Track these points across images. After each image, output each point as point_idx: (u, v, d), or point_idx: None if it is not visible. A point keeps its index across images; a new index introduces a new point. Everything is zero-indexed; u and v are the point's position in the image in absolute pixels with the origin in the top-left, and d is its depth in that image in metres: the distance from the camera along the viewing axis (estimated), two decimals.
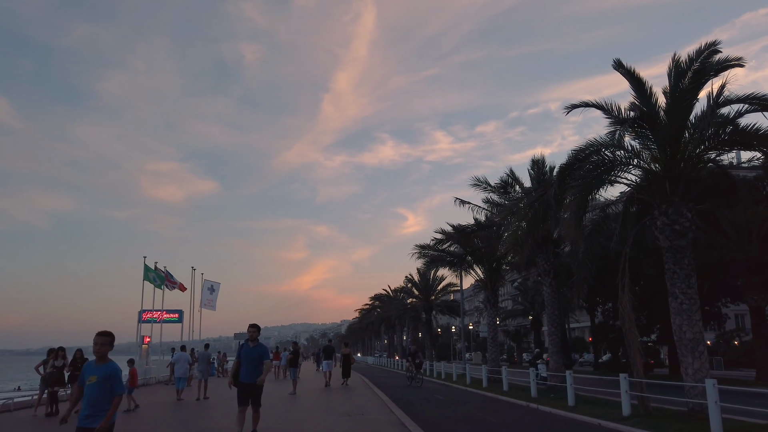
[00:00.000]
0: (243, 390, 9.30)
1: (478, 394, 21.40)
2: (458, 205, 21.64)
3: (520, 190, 21.31)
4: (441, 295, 48.84)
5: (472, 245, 27.45)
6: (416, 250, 28.79)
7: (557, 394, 18.44)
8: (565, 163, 12.73)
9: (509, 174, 20.86)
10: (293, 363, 21.02)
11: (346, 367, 26.71)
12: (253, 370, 9.21)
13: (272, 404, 16.74)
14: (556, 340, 20.43)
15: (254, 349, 9.32)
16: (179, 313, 37.73)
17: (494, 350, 27.91)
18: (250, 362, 9.23)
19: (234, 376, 9.49)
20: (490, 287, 28.10)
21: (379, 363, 73.53)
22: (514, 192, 20.92)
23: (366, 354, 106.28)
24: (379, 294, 73.48)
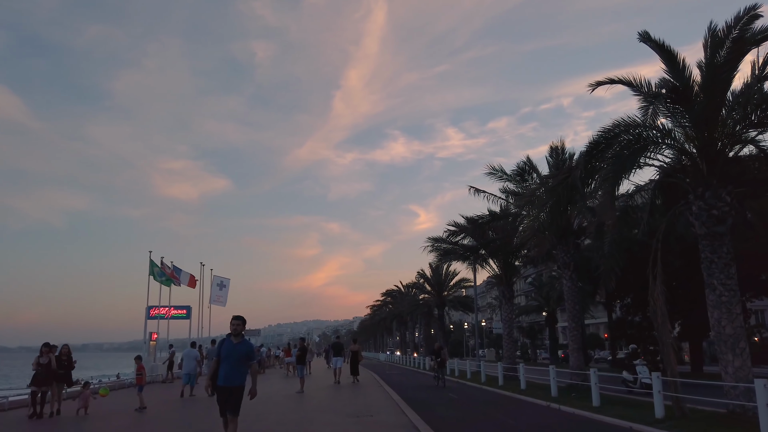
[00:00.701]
0: (222, 396, 7.67)
1: (495, 392, 20.41)
2: (473, 194, 20.62)
3: (537, 178, 20.23)
4: (454, 290, 47.79)
5: (487, 237, 26.42)
6: (428, 243, 27.83)
7: (579, 393, 17.39)
8: (592, 142, 11.64)
9: (526, 162, 19.77)
10: (301, 360, 20.15)
11: (354, 364, 26.25)
12: (235, 372, 7.59)
13: (277, 403, 15.91)
14: (576, 337, 19.36)
15: (238, 346, 7.69)
16: (187, 309, 37.08)
17: (510, 347, 26.86)
18: (231, 362, 7.60)
19: (212, 378, 7.74)
20: (506, 281, 27.04)
21: (391, 359, 72.79)
22: (532, 180, 19.82)
23: (378, 351, 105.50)
24: (390, 290, 72.55)
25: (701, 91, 11.78)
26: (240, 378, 7.67)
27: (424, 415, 12.78)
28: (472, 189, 20.51)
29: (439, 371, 24.46)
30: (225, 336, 8.01)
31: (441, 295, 46.92)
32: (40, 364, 13.32)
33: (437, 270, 46.32)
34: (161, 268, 31.78)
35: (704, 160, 11.56)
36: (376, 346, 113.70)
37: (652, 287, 12.07)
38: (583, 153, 11.87)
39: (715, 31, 11.60)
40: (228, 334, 7.88)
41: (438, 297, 46.91)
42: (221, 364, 7.65)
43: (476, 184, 22.37)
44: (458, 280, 46.82)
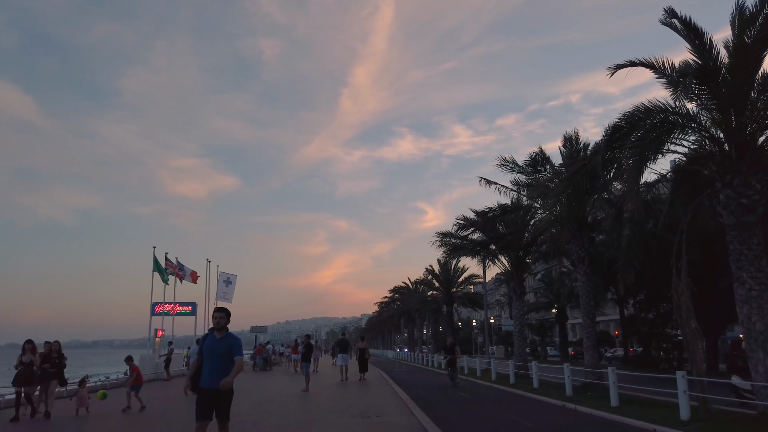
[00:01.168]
0: (204, 399, 6.66)
1: (506, 391, 19.75)
2: (484, 185, 19.86)
3: (550, 170, 19.50)
4: (462, 287, 47.10)
5: (497, 232, 25.74)
6: (437, 238, 27.12)
7: (594, 392, 16.71)
8: (613, 126, 10.93)
9: (539, 152, 19.02)
10: (306, 358, 19.57)
11: (362, 362, 25.77)
12: (219, 371, 6.55)
13: (281, 402, 15.35)
14: (591, 334, 18.63)
15: (221, 342, 6.68)
16: (193, 305, 36.61)
17: (521, 344, 26.16)
18: (214, 359, 6.62)
19: (193, 378, 6.80)
20: (516, 277, 26.32)
21: (400, 357, 72.23)
22: (545, 171, 19.08)
23: (386, 348, 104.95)
24: (398, 286, 71.91)
25: (729, 73, 11.05)
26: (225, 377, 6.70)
27: (434, 415, 12.15)
28: (483, 180, 19.78)
29: (451, 370, 22.30)
30: (208, 330, 7.02)
31: (450, 291, 46.22)
32: (23, 363, 12.51)
33: (446, 266, 45.65)
34: (165, 264, 31.32)
35: (733, 145, 10.84)
36: (384, 344, 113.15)
37: (676, 281, 11.37)
38: (604, 137, 11.15)
39: (743, 8, 10.86)
40: (210, 328, 6.89)
41: (447, 293, 46.22)
42: (204, 362, 6.71)
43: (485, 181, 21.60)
44: (467, 276, 46.17)
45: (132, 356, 15.26)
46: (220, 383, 6.48)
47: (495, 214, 20.74)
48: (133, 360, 14.91)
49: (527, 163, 19.30)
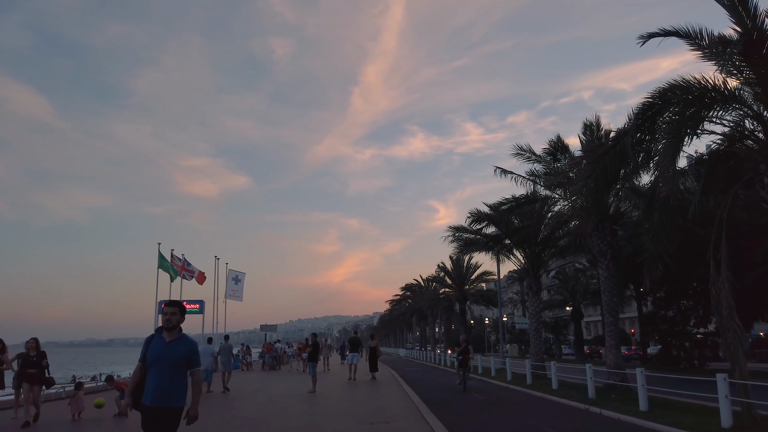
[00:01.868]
0: (150, 421, 4.92)
1: (524, 393, 18.73)
2: (499, 175, 18.79)
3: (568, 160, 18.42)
4: (475, 284, 46.03)
5: (512, 226, 24.71)
6: (449, 233, 26.10)
7: (619, 395, 15.64)
8: (644, 104, 9.88)
9: (557, 140, 17.92)
10: (313, 357, 18.68)
11: (372, 361, 25.04)
12: (168, 386, 4.94)
13: (285, 405, 14.49)
14: (614, 332, 17.56)
15: (173, 347, 5.02)
16: (200, 303, 36.02)
17: (537, 343, 25.12)
18: (162, 369, 4.96)
19: (134, 392, 5.08)
20: (533, 273, 25.27)
21: (411, 355, 71.34)
22: (564, 160, 18.01)
23: (398, 346, 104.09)
24: (410, 284, 70.95)
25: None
26: (177, 394, 5.00)
27: (447, 420, 11.21)
28: (498, 170, 18.71)
29: (462, 371, 19.53)
30: (155, 331, 5.29)
31: (462, 288, 45.18)
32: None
33: (458, 263, 44.61)
34: (171, 261, 30.65)
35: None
36: (396, 342, 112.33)
37: (715, 275, 10.32)
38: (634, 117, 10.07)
39: None
40: (158, 327, 5.23)
41: (459, 291, 45.18)
42: (148, 373, 5.00)
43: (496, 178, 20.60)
44: (480, 273, 45.09)
45: (112, 376, 14.24)
46: (186, 415, 5.07)
47: (511, 206, 19.57)
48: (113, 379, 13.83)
49: (546, 151, 18.18)
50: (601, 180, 10.72)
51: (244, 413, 13.17)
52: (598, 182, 10.67)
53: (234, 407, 14.47)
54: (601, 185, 10.80)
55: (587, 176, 10.66)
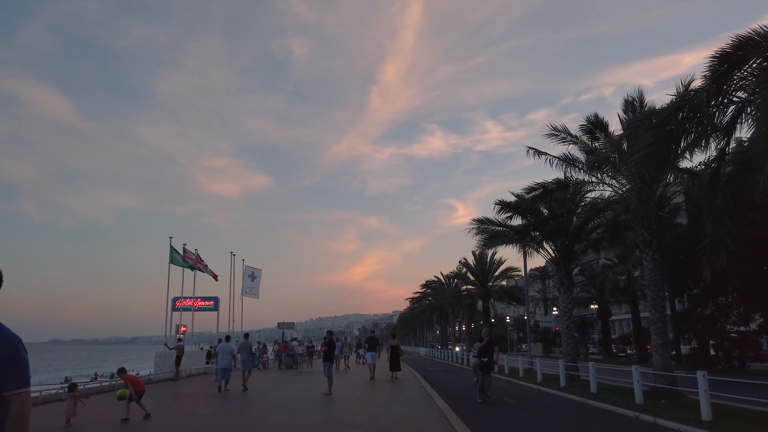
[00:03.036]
0: None
1: (559, 397, 17.10)
2: (532, 156, 16.96)
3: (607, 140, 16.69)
4: (500, 280, 44.21)
5: (541, 216, 23.04)
6: (473, 225, 24.41)
7: (670, 400, 13.94)
8: (721, 54, 8.19)
9: (595, 118, 16.13)
10: (328, 357, 17.24)
11: (395, 360, 23.93)
12: None
13: (297, 409, 13.11)
14: (661, 330, 15.79)
15: None
16: (215, 300, 34.97)
17: (569, 342, 23.37)
18: None
19: None
20: (564, 268, 23.53)
21: (432, 354, 69.80)
22: (604, 140, 16.24)
23: (418, 345, 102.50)
24: (430, 281, 69.13)
25: None
26: None
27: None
28: (532, 151, 16.86)
29: (482, 377, 15.04)
30: None
31: (486, 285, 43.39)
32: None
33: (481, 258, 42.88)
34: (184, 255, 29.55)
35: None
36: (416, 340, 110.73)
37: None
38: (709, 70, 8.38)
39: None
40: None
41: (482, 287, 43.40)
42: None
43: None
44: (504, 269, 43.22)
45: (125, 368, 13.00)
46: None
47: (543, 192, 17.65)
48: (125, 371, 12.65)
49: (584, 128, 16.37)
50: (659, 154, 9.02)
51: (249, 420, 11.83)
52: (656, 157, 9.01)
53: (241, 411, 13.15)
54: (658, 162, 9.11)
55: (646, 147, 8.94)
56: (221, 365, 18.37)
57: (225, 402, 15.36)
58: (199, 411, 13.67)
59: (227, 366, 18.30)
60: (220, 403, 15.01)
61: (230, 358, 18.74)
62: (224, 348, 18.95)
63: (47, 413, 13.50)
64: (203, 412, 13.53)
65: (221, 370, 18.30)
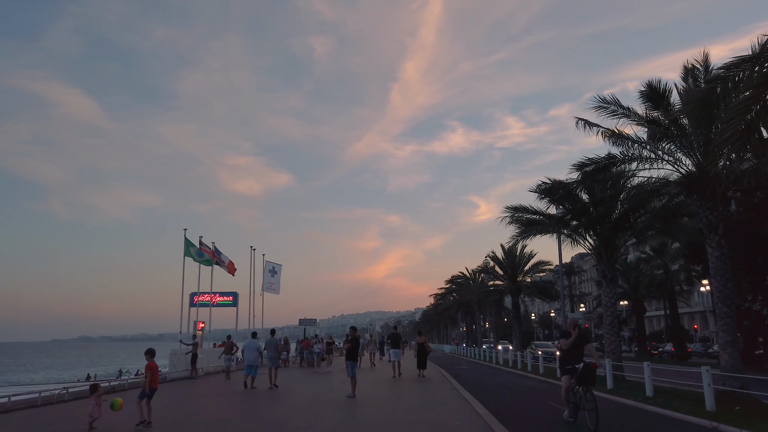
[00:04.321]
0: None
1: (608, 400, 15.27)
2: (581, 128, 14.98)
3: (661, 112, 14.77)
4: (530, 274, 42.16)
5: (580, 203, 21.19)
6: (507, 213, 22.57)
7: (745, 406, 12.07)
8: None
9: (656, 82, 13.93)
10: (351, 355, 15.63)
11: (422, 358, 22.84)
12: None
13: (316, 414, 11.58)
14: (729, 326, 13.89)
15: None
16: (233, 295, 33.75)
17: (614, 339, 21.47)
18: None
19: None
20: (606, 258, 21.63)
21: (457, 351, 68.01)
22: (664, 109, 14.21)
23: (442, 342, 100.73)
24: (456, 276, 67.13)
25: None
26: None
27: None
28: (581, 122, 14.90)
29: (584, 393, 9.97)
30: None
31: (515, 280, 41.38)
32: None
33: (511, 252, 40.89)
34: (200, 248, 28.34)
35: None
36: (440, 338, 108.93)
37: None
38: None
39: None
40: None
41: (512, 282, 41.40)
42: None
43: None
44: (534, 263, 41.17)
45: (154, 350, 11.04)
46: None
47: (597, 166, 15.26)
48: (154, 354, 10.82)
49: (644, 94, 14.26)
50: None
51: (263, 427, 10.34)
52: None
53: (254, 416, 11.69)
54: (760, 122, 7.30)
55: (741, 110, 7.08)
56: (248, 362, 18.24)
57: (238, 405, 13.95)
58: (209, 414, 12.26)
59: (254, 363, 18.16)
60: (234, 406, 13.60)
61: (257, 354, 18.58)
62: (251, 344, 18.82)
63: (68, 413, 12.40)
64: (214, 415, 12.11)
65: (248, 367, 18.17)
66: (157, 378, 10.95)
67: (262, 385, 17.93)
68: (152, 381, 10.54)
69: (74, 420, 11.08)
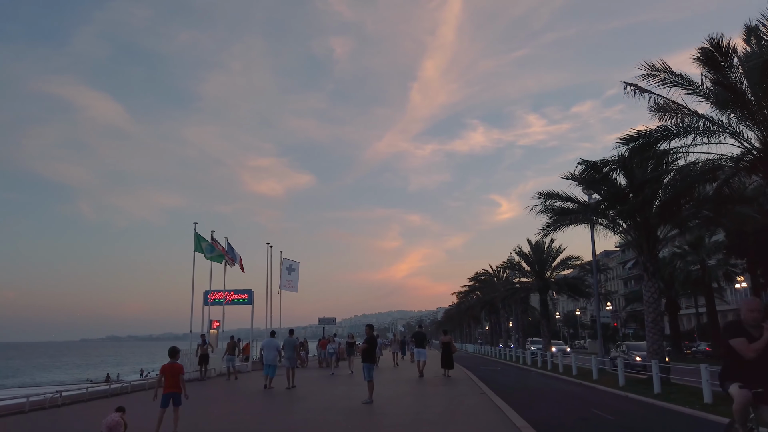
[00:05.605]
0: None
1: (661, 408, 13.41)
2: (630, 93, 13.05)
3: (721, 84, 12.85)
4: (558, 270, 40.09)
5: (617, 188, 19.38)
6: (538, 199, 20.66)
7: None
8: None
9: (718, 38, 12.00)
10: (369, 356, 14.01)
11: (447, 357, 22.03)
12: None
13: (326, 424, 10.06)
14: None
15: None
16: (248, 293, 32.50)
17: (657, 339, 19.54)
18: None
19: None
20: (648, 249, 19.76)
21: (481, 351, 66.09)
22: (724, 75, 12.27)
23: (464, 341, 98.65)
24: (479, 273, 64.99)
25: None
26: None
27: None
28: (630, 87, 12.98)
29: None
30: None
31: (543, 276, 39.34)
32: None
33: (538, 247, 38.88)
34: (211, 243, 27.08)
35: None
36: (463, 337, 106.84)
37: None
38: None
39: None
40: None
41: (540, 279, 39.35)
42: None
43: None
44: (564, 258, 39.07)
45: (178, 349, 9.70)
46: None
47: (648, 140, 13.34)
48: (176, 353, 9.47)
49: (703, 55, 12.31)
50: None
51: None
52: None
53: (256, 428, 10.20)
54: None
55: None
56: (267, 361, 18.06)
57: (240, 413, 12.52)
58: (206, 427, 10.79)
59: (273, 362, 17.97)
60: (234, 415, 12.16)
61: (276, 353, 18.39)
62: (270, 344, 18.66)
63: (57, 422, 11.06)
64: (210, 428, 10.65)
65: (267, 367, 17.99)
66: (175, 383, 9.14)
67: (280, 385, 17.57)
68: (165, 385, 9.05)
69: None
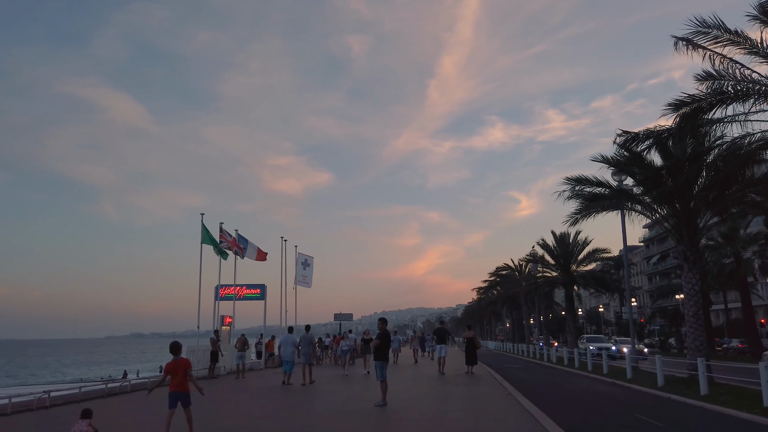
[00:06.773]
0: None
1: (717, 413, 11.82)
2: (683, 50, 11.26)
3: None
4: (584, 263, 38.24)
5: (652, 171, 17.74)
6: (566, 184, 19.02)
7: None
8: None
9: None
10: (381, 354, 12.61)
11: (471, 353, 21.24)
12: None
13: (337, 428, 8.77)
14: None
15: None
16: (261, 288, 31.36)
17: (698, 334, 17.84)
18: None
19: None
20: (688, 238, 18.07)
21: (503, 348, 64.39)
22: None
23: (485, 338, 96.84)
24: (500, 267, 63.07)
25: None
26: None
27: None
28: (683, 42, 11.12)
29: None
30: None
31: (568, 270, 37.54)
32: None
33: (563, 239, 37.10)
34: (221, 237, 25.98)
35: None
36: (483, 334, 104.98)
37: None
38: None
39: None
40: None
41: (565, 273, 37.57)
42: None
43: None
44: (590, 250, 37.21)
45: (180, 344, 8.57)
46: None
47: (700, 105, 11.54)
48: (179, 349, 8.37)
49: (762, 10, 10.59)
50: None
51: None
52: None
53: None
54: None
55: None
56: (285, 357, 18.00)
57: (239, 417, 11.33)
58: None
59: (291, 358, 17.84)
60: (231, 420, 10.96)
61: (293, 350, 18.25)
62: (287, 339, 18.58)
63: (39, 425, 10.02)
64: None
65: (285, 363, 17.95)
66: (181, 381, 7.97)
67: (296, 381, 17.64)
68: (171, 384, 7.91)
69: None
